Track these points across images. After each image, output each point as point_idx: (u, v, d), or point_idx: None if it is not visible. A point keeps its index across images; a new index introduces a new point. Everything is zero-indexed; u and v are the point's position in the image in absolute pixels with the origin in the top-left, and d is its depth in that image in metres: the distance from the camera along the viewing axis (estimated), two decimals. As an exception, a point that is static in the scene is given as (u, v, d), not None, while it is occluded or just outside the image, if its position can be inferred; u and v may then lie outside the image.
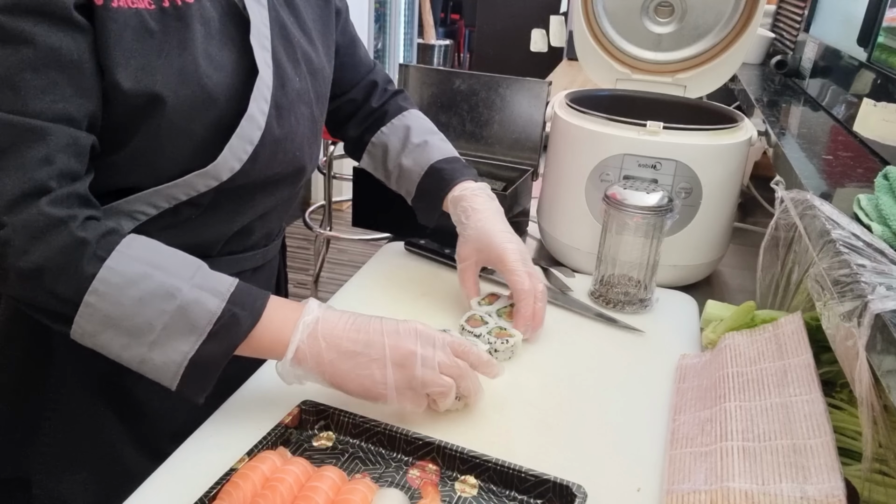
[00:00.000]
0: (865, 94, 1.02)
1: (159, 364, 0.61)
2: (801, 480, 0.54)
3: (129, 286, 0.60)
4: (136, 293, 0.60)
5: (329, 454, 0.64)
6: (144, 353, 0.61)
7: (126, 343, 0.61)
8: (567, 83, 2.60)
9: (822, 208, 0.67)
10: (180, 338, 0.61)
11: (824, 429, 0.57)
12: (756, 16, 1.13)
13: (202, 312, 0.61)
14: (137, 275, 0.60)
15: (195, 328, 0.61)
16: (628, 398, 0.76)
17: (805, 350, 0.67)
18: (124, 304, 0.60)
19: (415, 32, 4.58)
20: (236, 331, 0.62)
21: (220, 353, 0.62)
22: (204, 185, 0.69)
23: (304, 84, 0.78)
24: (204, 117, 0.67)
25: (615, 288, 0.94)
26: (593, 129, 0.98)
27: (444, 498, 0.59)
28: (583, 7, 1.19)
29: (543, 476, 0.59)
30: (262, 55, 0.70)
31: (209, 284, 0.63)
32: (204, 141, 0.68)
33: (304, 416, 0.67)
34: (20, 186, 0.57)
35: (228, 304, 0.62)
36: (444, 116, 1.25)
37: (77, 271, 0.59)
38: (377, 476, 0.62)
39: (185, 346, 0.61)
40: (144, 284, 0.60)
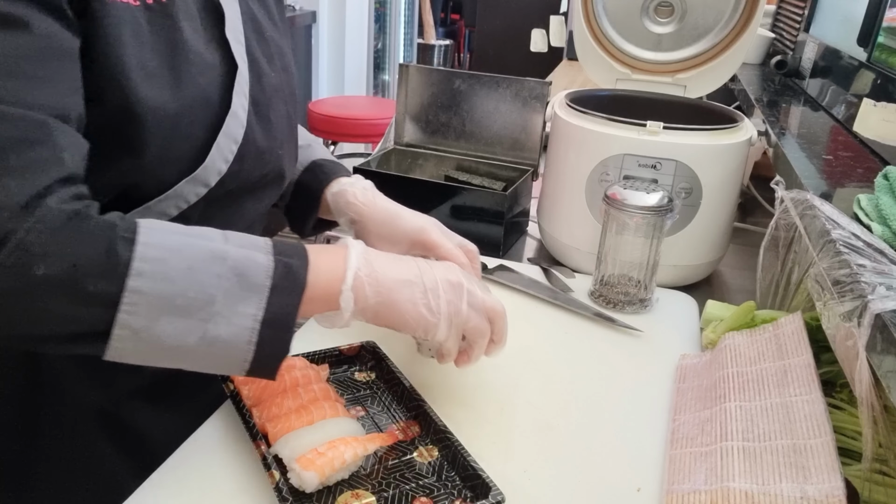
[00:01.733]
0: (865, 94, 1.02)
1: (228, 338, 0.54)
2: (801, 480, 0.54)
3: (174, 257, 0.53)
4: (183, 263, 0.53)
5: (358, 386, 0.74)
6: (209, 330, 0.53)
7: (187, 326, 0.53)
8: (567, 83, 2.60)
9: (822, 208, 0.67)
10: (244, 301, 0.54)
11: (824, 429, 0.57)
12: (756, 16, 1.13)
13: (257, 269, 0.55)
14: (177, 244, 0.54)
15: (255, 286, 0.55)
16: (628, 398, 0.76)
17: (805, 350, 0.67)
18: (175, 279, 0.52)
19: (415, 32, 4.58)
20: (295, 279, 0.57)
21: (289, 308, 0.56)
22: (194, 193, 0.65)
23: (279, 79, 0.74)
24: (203, 119, 0.64)
25: (615, 288, 0.94)
26: (593, 129, 0.98)
27: (399, 454, 0.65)
28: (583, 7, 1.19)
29: (479, 472, 0.60)
30: (238, 49, 0.67)
31: (247, 241, 0.57)
32: (201, 145, 0.64)
33: (362, 351, 0.77)
34: (29, 189, 0.50)
35: (276, 255, 0.57)
36: (444, 116, 1.25)
37: (112, 257, 0.51)
38: (372, 413, 0.70)
39: (251, 307, 0.54)
40: (189, 251, 0.54)
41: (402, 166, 1.29)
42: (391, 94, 4.21)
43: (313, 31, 3.49)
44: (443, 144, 1.27)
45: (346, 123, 2.89)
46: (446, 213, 1.11)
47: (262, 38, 0.72)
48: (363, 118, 2.91)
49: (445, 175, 1.26)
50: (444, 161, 1.26)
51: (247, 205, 0.73)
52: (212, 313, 0.53)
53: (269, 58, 0.73)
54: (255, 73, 0.69)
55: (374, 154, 1.27)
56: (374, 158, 1.24)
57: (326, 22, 3.51)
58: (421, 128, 1.27)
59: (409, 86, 1.26)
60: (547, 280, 1.00)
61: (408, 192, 1.12)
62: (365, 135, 2.95)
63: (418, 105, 1.26)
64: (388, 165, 1.27)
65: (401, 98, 1.26)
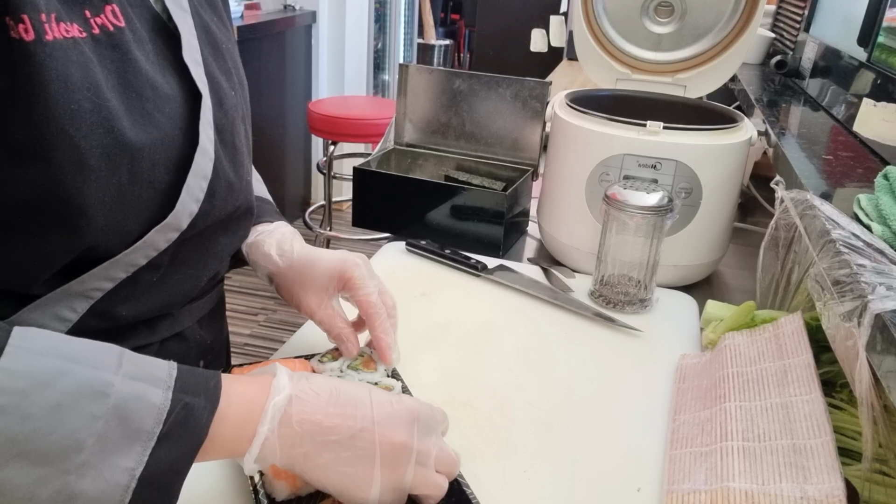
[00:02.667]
0: (865, 94, 1.02)
1: (94, 495, 0.43)
2: (801, 480, 0.54)
3: (41, 389, 0.42)
4: (51, 398, 0.43)
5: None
6: (72, 485, 0.43)
7: (42, 475, 0.42)
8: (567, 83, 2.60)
9: (822, 208, 0.67)
10: (121, 451, 0.44)
11: (824, 429, 0.57)
12: (756, 16, 1.13)
13: (146, 410, 0.45)
14: (50, 373, 0.43)
15: (140, 432, 0.44)
16: (628, 398, 0.76)
17: (805, 350, 0.67)
18: (35, 417, 0.42)
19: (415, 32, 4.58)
20: (195, 426, 0.47)
21: (179, 461, 0.46)
22: (164, 240, 0.58)
23: (237, 97, 0.67)
24: (166, 160, 0.56)
25: (615, 288, 0.94)
26: (593, 129, 0.98)
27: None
28: (583, 7, 1.19)
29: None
30: (198, 73, 0.59)
31: (144, 372, 0.47)
32: (167, 188, 0.57)
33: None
34: None
35: (176, 392, 0.46)
36: (444, 116, 1.25)
37: None
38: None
39: (130, 460, 0.44)
40: (62, 384, 0.43)
41: (402, 166, 1.29)
42: (391, 94, 4.21)
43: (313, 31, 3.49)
44: (443, 144, 1.27)
45: (346, 123, 2.90)
46: (446, 213, 1.11)
47: (218, 54, 0.65)
48: (363, 118, 2.91)
49: (445, 175, 1.26)
50: (444, 161, 1.26)
51: (220, 241, 0.67)
52: (77, 463, 0.43)
53: (227, 75, 0.66)
54: (217, 96, 0.62)
55: (374, 154, 1.27)
56: (374, 158, 1.24)
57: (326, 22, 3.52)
58: (421, 128, 1.27)
59: (409, 86, 1.26)
60: (547, 280, 1.00)
61: (408, 192, 1.13)
62: (365, 135, 2.95)
63: (418, 105, 1.26)
64: (388, 165, 1.27)
65: (401, 98, 1.26)
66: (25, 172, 0.48)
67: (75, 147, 0.49)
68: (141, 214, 0.56)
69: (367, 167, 1.19)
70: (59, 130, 0.49)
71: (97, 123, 0.50)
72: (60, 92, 0.48)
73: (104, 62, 0.52)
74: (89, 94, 0.50)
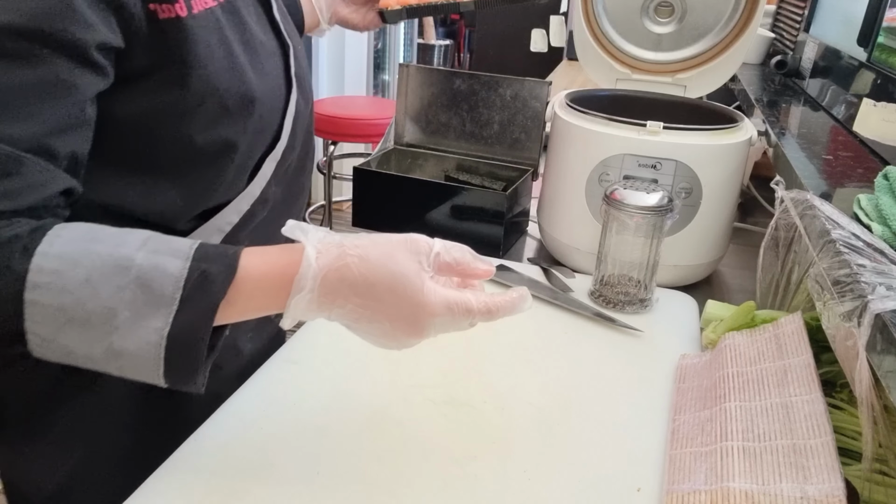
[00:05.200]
0: (865, 94, 1.02)
1: (135, 352, 0.51)
2: (801, 480, 0.54)
3: (71, 268, 0.50)
4: (81, 273, 0.50)
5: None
6: (114, 344, 0.51)
7: (91, 337, 0.51)
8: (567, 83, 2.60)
9: (822, 208, 0.67)
10: (149, 315, 0.51)
11: (824, 429, 0.57)
12: (756, 16, 1.13)
13: (165, 279, 0.51)
14: (76, 254, 0.51)
15: (162, 298, 0.51)
16: (628, 398, 0.76)
17: (805, 350, 0.67)
18: (72, 290, 0.50)
19: (415, 32, 4.58)
20: (211, 289, 0.52)
21: (200, 320, 0.52)
22: (271, 170, 0.71)
23: (301, 49, 0.76)
24: (276, 103, 0.69)
25: (615, 288, 0.94)
26: (593, 129, 0.98)
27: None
28: (583, 7, 1.19)
29: None
30: (287, 29, 0.72)
31: (165, 246, 0.53)
32: (273, 126, 0.70)
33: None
34: None
35: (194, 261, 0.52)
36: (444, 116, 1.25)
37: (9, 272, 0.50)
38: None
39: (157, 321, 0.51)
40: (88, 262, 0.51)
41: (402, 166, 1.29)
42: (391, 94, 4.21)
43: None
44: (443, 144, 1.27)
45: (346, 123, 2.90)
46: (446, 213, 1.11)
47: (283, 13, 0.75)
48: (363, 118, 2.91)
49: (445, 175, 1.26)
50: (444, 161, 1.26)
51: (300, 181, 0.80)
52: (115, 326, 0.51)
53: (292, 30, 0.77)
54: (294, 50, 0.74)
55: (374, 154, 1.27)
56: (374, 158, 1.24)
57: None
58: (421, 128, 1.27)
59: (409, 86, 1.26)
60: (547, 280, 1.00)
61: (408, 192, 1.13)
62: (365, 135, 2.95)
63: (418, 105, 1.26)
64: (388, 165, 1.27)
65: (401, 98, 1.26)
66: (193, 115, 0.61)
67: (221, 99, 0.62)
68: (259, 150, 0.69)
69: (368, 167, 1.19)
70: (210, 87, 0.61)
71: (234, 78, 0.63)
72: (207, 55, 0.60)
73: (230, 25, 0.63)
74: (226, 54, 0.62)
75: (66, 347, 0.51)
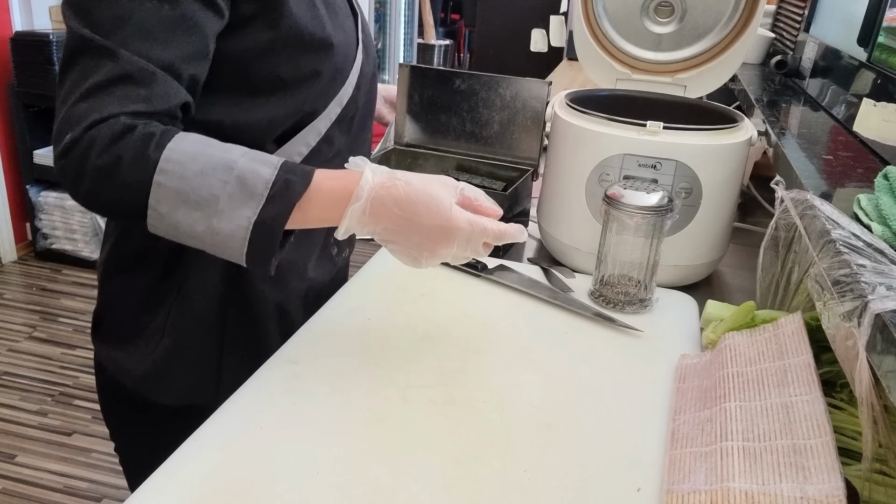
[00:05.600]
0: (865, 94, 1.02)
1: (227, 232, 0.66)
2: (801, 480, 0.54)
3: (191, 161, 0.66)
4: (197, 167, 0.66)
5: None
6: (214, 224, 0.66)
7: (197, 217, 0.66)
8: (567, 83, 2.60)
9: (822, 208, 0.67)
10: (242, 205, 0.66)
11: (824, 429, 0.57)
12: (756, 16, 1.13)
13: (258, 180, 0.66)
14: (195, 152, 0.66)
15: (254, 194, 0.66)
16: (628, 398, 0.76)
17: (805, 350, 0.67)
18: (189, 178, 0.65)
19: (415, 32, 4.58)
20: (291, 192, 0.67)
21: (281, 214, 0.67)
22: (335, 112, 0.84)
23: (366, 23, 0.93)
24: (349, 55, 0.84)
25: (615, 288, 0.94)
26: (593, 129, 0.98)
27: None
28: (583, 7, 1.19)
29: None
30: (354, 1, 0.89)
31: (260, 157, 0.68)
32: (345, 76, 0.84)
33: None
34: (117, 110, 0.65)
35: (280, 171, 0.67)
36: (444, 116, 1.25)
37: (145, 158, 0.65)
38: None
39: (248, 210, 0.66)
40: (203, 159, 0.66)
41: (402, 166, 1.29)
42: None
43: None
44: (443, 144, 1.27)
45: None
46: (446, 213, 1.11)
47: None
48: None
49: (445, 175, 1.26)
50: (444, 161, 1.26)
51: (360, 136, 0.93)
52: (217, 209, 0.66)
53: (358, 6, 0.92)
54: (361, 20, 0.90)
55: (374, 154, 1.27)
56: (375, 158, 1.24)
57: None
58: (421, 128, 1.27)
59: (409, 86, 1.26)
60: (547, 280, 1.00)
61: (408, 192, 1.12)
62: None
63: (418, 105, 1.26)
64: (389, 165, 1.27)
65: (401, 98, 1.26)
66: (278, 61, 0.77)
67: (303, 42, 0.77)
68: (332, 91, 0.83)
69: (367, 167, 1.19)
70: (295, 32, 0.76)
71: (316, 28, 0.78)
72: (295, 3, 0.75)
73: None
74: (309, 6, 0.77)
75: (175, 224, 0.66)
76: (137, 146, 0.65)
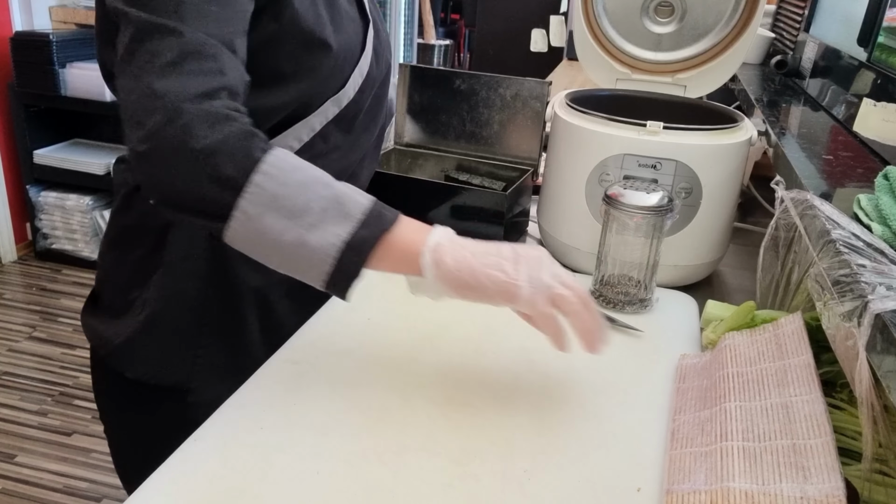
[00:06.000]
0: (865, 94, 1.02)
1: (316, 246, 0.64)
2: (801, 480, 0.54)
3: (293, 171, 0.65)
4: (300, 177, 0.65)
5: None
6: (303, 235, 0.64)
7: (286, 226, 0.64)
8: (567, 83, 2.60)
9: (822, 208, 0.67)
10: (335, 222, 0.65)
11: (824, 429, 0.57)
12: (756, 16, 1.13)
13: (354, 203, 0.66)
14: (297, 164, 0.66)
15: (349, 216, 0.66)
16: (628, 398, 0.76)
17: (805, 350, 0.67)
18: (289, 185, 0.64)
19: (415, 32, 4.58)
20: (383, 221, 0.67)
21: (372, 238, 0.66)
22: (332, 112, 0.85)
23: (385, 35, 0.94)
24: (349, 59, 0.84)
25: (615, 288, 0.94)
26: (593, 129, 0.98)
27: None
28: (583, 7, 1.19)
29: None
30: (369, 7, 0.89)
31: (355, 189, 0.69)
32: (345, 77, 0.85)
33: None
34: (202, 87, 0.64)
35: (374, 203, 0.68)
36: (444, 116, 1.25)
37: (246, 154, 0.64)
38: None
39: (341, 230, 0.65)
40: (304, 172, 0.66)
41: (402, 166, 1.29)
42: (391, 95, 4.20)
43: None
44: (443, 144, 1.27)
45: (346, 123, 2.89)
46: (446, 213, 1.11)
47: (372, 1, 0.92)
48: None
49: (445, 175, 1.26)
50: (444, 161, 1.26)
51: (363, 138, 0.93)
52: (309, 222, 0.64)
53: (378, 17, 0.92)
54: (376, 27, 0.90)
55: (374, 154, 1.27)
56: (374, 158, 1.24)
57: (326, 22, 3.51)
58: (421, 128, 1.27)
59: (409, 86, 1.26)
60: (547, 280, 1.00)
61: (408, 192, 1.13)
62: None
63: (418, 105, 1.26)
64: (389, 165, 1.27)
65: (401, 98, 1.26)
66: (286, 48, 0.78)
67: (302, 37, 0.77)
68: (329, 91, 0.83)
69: (367, 167, 1.19)
70: (296, 27, 0.76)
71: (316, 27, 0.78)
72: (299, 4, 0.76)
73: None
74: (311, 4, 0.78)
75: (262, 229, 0.64)
76: (241, 139, 0.64)
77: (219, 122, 0.63)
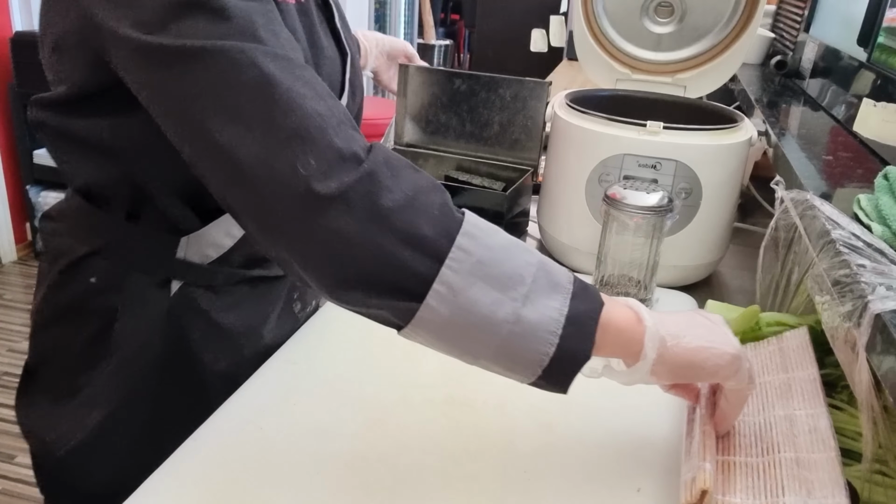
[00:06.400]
0: (865, 95, 1.02)
1: (535, 321, 0.53)
2: (804, 494, 0.53)
3: (492, 231, 0.55)
4: (501, 239, 0.55)
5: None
6: (519, 309, 0.53)
7: (498, 298, 0.52)
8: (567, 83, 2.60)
9: (822, 208, 0.67)
10: (548, 294, 0.54)
11: (829, 443, 0.57)
12: (756, 16, 1.13)
13: (559, 271, 0.56)
14: (493, 227, 0.56)
15: (559, 285, 0.55)
16: (628, 398, 0.76)
17: (810, 364, 0.67)
18: (493, 249, 0.54)
19: (415, 32, 4.58)
20: (592, 296, 0.56)
21: (591, 313, 0.55)
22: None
23: (357, 59, 0.85)
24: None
25: (615, 288, 0.94)
26: (593, 129, 0.98)
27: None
28: (583, 7, 1.19)
29: None
30: (345, 37, 0.80)
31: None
32: None
33: None
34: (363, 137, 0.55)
35: (572, 273, 0.58)
36: (444, 116, 1.25)
37: (447, 211, 0.54)
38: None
39: (556, 302, 0.54)
40: (503, 235, 0.56)
41: (402, 166, 1.29)
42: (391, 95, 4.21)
43: (313, 31, 3.49)
44: (443, 144, 1.27)
45: (346, 123, 2.88)
46: (446, 213, 1.11)
47: (345, 24, 0.83)
48: (363, 118, 2.91)
49: (445, 175, 1.26)
50: (444, 161, 1.26)
51: None
52: (523, 294, 0.53)
53: (351, 40, 0.83)
54: (351, 57, 0.81)
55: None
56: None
57: (326, 22, 3.52)
58: (421, 128, 1.27)
59: (409, 86, 1.26)
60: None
61: (408, 192, 1.12)
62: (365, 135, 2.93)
63: (418, 105, 1.26)
64: (388, 165, 1.27)
65: (401, 98, 1.26)
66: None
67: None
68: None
69: (367, 167, 1.19)
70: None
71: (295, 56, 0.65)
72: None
73: (303, 23, 0.70)
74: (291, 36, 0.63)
75: (470, 303, 0.52)
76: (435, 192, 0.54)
77: (405, 168, 0.54)
